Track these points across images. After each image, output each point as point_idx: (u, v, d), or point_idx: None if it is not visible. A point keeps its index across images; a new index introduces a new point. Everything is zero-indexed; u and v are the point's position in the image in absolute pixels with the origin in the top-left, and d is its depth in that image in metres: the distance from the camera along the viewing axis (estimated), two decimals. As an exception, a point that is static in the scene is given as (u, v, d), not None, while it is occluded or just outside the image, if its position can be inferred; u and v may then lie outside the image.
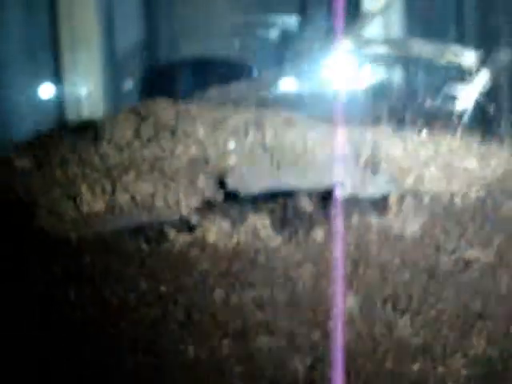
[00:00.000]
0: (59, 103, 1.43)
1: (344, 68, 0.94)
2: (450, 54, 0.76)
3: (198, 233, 0.53)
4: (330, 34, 1.03)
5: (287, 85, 0.96)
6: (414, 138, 0.54)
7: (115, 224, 0.52)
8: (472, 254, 0.54)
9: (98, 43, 1.42)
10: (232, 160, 0.51)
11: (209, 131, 0.53)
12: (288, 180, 0.51)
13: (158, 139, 0.53)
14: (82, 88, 1.39)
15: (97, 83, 1.44)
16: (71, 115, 1.40)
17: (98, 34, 1.44)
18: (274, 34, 1.53)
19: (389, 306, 0.55)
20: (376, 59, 0.97)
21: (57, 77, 1.38)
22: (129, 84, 1.69)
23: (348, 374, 0.57)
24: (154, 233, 0.53)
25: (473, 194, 0.53)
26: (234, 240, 0.53)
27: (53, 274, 0.53)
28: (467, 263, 0.54)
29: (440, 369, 0.58)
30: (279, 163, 0.51)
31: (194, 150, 0.51)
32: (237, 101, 0.94)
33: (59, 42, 1.36)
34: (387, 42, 0.79)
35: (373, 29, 0.83)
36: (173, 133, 0.53)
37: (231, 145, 0.49)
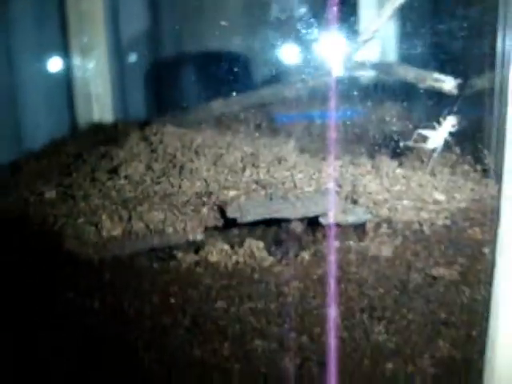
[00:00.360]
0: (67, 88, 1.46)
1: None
2: (431, 80, 0.83)
3: (202, 254, 0.61)
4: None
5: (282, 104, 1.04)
6: (390, 173, 0.62)
7: (131, 247, 0.61)
8: (438, 271, 0.62)
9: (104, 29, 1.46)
10: (231, 193, 0.59)
11: (211, 168, 0.61)
12: (279, 210, 0.59)
13: (168, 176, 0.61)
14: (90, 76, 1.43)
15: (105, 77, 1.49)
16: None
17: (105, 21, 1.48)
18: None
19: (366, 315, 0.64)
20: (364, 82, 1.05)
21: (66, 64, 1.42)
22: (136, 72, 1.73)
23: (331, 371, 0.67)
24: (164, 254, 0.62)
25: (440, 222, 0.61)
26: (233, 260, 0.61)
27: (79, 289, 0.62)
28: (434, 279, 0.62)
29: (410, 367, 0.67)
30: (271, 196, 0.59)
31: (198, 186, 0.59)
32: (236, 117, 1.02)
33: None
34: (376, 65, 0.86)
35: (368, 51, 0.90)
36: (181, 169, 0.61)
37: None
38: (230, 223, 0.60)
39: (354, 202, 0.60)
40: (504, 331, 0.62)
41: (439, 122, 0.63)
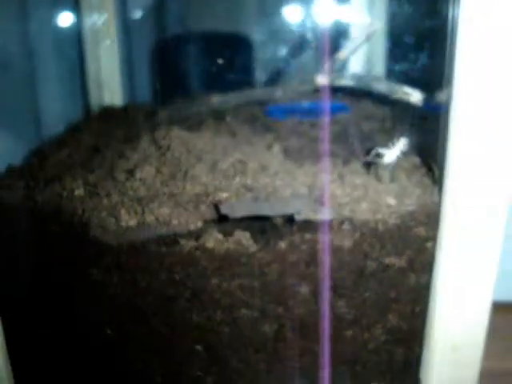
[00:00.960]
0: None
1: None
2: (401, 93, 0.96)
3: (201, 241, 0.75)
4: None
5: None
6: (351, 181, 0.76)
7: (144, 234, 0.76)
8: (390, 260, 0.77)
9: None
10: (224, 195, 0.74)
11: (209, 173, 0.75)
12: (262, 209, 0.74)
13: (174, 179, 0.75)
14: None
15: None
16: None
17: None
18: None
19: (330, 292, 0.80)
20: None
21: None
22: (144, 59, 1.82)
23: (301, 335, 0.84)
24: (170, 240, 0.77)
25: (391, 221, 0.75)
26: (225, 246, 0.75)
27: (101, 267, 0.78)
28: (386, 266, 0.77)
29: (366, 335, 0.83)
30: (256, 198, 0.74)
31: (198, 188, 0.74)
32: (234, 112, 1.15)
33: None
34: (353, 77, 0.98)
35: (353, 63, 1.02)
36: (185, 174, 0.75)
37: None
38: (223, 218, 0.75)
39: (322, 203, 0.75)
40: (440, 307, 0.78)
41: (393, 143, 0.76)
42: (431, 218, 0.76)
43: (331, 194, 0.74)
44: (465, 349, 0.79)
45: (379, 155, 0.77)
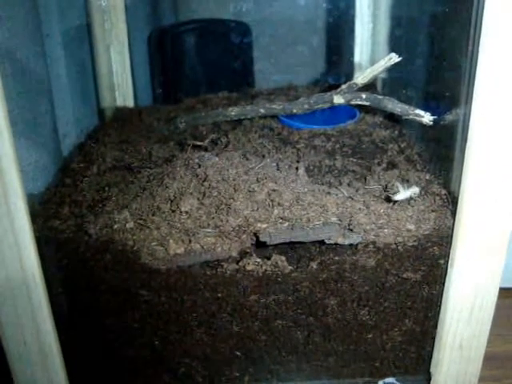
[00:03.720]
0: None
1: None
2: (413, 114, 1.04)
3: (241, 264, 0.84)
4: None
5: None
6: (376, 210, 0.85)
7: (190, 261, 0.85)
8: (407, 275, 0.87)
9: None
10: (263, 226, 0.82)
11: (248, 206, 0.83)
12: (297, 236, 0.83)
13: (218, 212, 0.83)
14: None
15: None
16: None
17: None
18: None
19: (355, 304, 0.90)
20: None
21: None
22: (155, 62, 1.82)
23: (329, 339, 0.95)
24: (214, 265, 0.86)
25: (410, 244, 0.85)
26: (263, 268, 0.84)
27: (152, 289, 0.87)
28: (404, 280, 0.88)
29: (384, 336, 0.95)
30: (292, 227, 0.83)
31: (239, 220, 0.82)
32: (251, 126, 1.21)
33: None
34: (368, 98, 1.05)
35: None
36: (228, 207, 0.83)
37: None
38: (261, 245, 0.84)
39: (350, 230, 0.84)
40: (449, 314, 0.89)
41: (407, 186, 0.85)
42: (444, 240, 0.86)
43: (358, 221, 0.84)
44: (469, 348, 0.91)
45: (394, 191, 0.86)
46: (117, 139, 1.29)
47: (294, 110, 1.15)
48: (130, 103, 1.67)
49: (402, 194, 0.84)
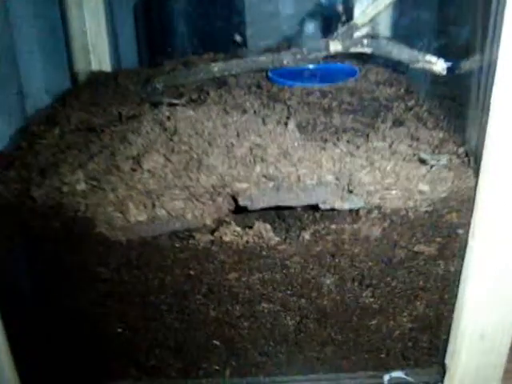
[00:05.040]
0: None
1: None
2: (424, 61, 0.88)
3: (217, 235, 0.69)
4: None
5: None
6: (382, 167, 0.70)
7: (155, 230, 0.70)
8: (419, 248, 0.72)
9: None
10: (243, 186, 0.67)
11: (225, 161, 0.68)
12: (285, 199, 0.68)
13: (187, 170, 0.68)
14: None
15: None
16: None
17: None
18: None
19: (356, 283, 0.75)
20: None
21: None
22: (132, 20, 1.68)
23: (325, 325, 0.80)
24: (184, 235, 0.71)
25: (423, 209, 0.70)
26: (244, 239, 0.69)
27: (110, 265, 0.72)
28: (415, 254, 0.73)
29: (391, 323, 0.80)
30: (278, 187, 0.68)
31: (214, 179, 0.67)
32: (236, 80, 1.05)
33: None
34: (371, 44, 0.90)
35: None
36: (199, 164, 0.68)
37: None
38: (241, 210, 0.69)
39: (350, 191, 0.68)
40: (469, 295, 0.74)
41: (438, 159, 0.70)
42: (465, 205, 0.70)
43: (359, 181, 0.68)
44: (493, 337, 0.76)
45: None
46: (87, 102, 1.14)
47: (285, 62, 0.99)
48: (107, 67, 1.50)
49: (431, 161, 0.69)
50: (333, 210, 0.70)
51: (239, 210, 0.70)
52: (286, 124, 0.79)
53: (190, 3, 1.61)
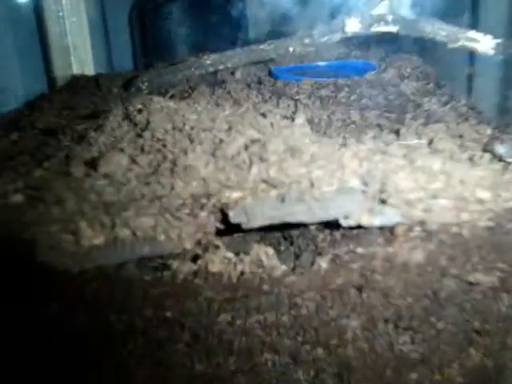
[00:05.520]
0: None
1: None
2: (466, 39, 0.70)
3: (201, 263, 0.52)
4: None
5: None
6: (426, 167, 0.51)
7: (116, 257, 0.52)
8: (475, 277, 0.54)
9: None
10: (234, 195, 0.49)
11: (209, 161, 0.50)
12: (293, 213, 0.49)
13: (157, 173, 0.50)
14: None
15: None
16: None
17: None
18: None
19: (390, 325, 0.56)
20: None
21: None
22: (118, 20, 1.54)
23: (348, 382, 0.60)
24: (156, 264, 0.53)
25: (482, 224, 0.51)
26: (238, 269, 0.52)
27: (59, 305, 0.53)
28: (470, 286, 0.54)
29: (437, 377, 0.60)
30: (284, 197, 0.49)
31: (195, 185, 0.49)
32: (232, 75, 0.89)
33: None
34: (397, 20, 0.72)
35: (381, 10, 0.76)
36: (173, 164, 0.50)
37: None
38: (234, 229, 0.50)
39: (383, 201, 0.50)
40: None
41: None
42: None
43: (395, 186, 0.50)
44: None
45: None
46: (60, 106, 0.98)
47: (291, 49, 0.82)
48: (90, 70, 1.35)
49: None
50: (359, 227, 0.52)
51: (231, 229, 0.52)
52: (292, 119, 0.61)
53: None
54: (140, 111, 0.60)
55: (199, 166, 0.49)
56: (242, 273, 0.52)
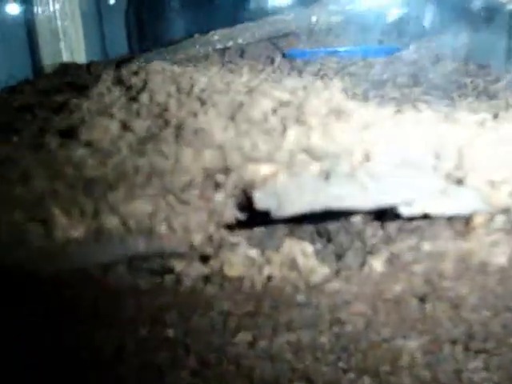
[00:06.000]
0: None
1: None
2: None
3: (215, 264, 0.40)
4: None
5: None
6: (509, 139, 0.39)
7: (102, 254, 0.39)
8: None
9: None
10: (262, 170, 0.36)
11: (228, 126, 0.37)
12: (341, 196, 0.37)
13: (157, 141, 0.37)
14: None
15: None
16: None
17: None
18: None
19: (459, 347, 0.43)
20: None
21: None
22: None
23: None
24: (154, 265, 0.40)
25: None
26: (264, 273, 0.39)
27: (21, 318, 0.40)
28: None
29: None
30: (328, 173, 0.36)
31: (208, 157, 0.36)
32: (244, 53, 0.77)
33: None
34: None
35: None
36: (178, 129, 0.37)
37: None
38: (259, 218, 0.38)
39: (458, 182, 0.37)
40: None
41: None
42: None
43: (474, 161, 0.37)
44: None
45: None
46: (43, 89, 0.86)
47: (314, 18, 0.70)
48: (81, 57, 1.22)
49: None
50: (425, 216, 0.39)
51: (255, 219, 0.39)
52: (327, 84, 0.48)
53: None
54: (136, 73, 0.48)
55: (214, 130, 0.36)
56: (270, 278, 0.39)
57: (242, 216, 0.39)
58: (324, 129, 0.37)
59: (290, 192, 0.37)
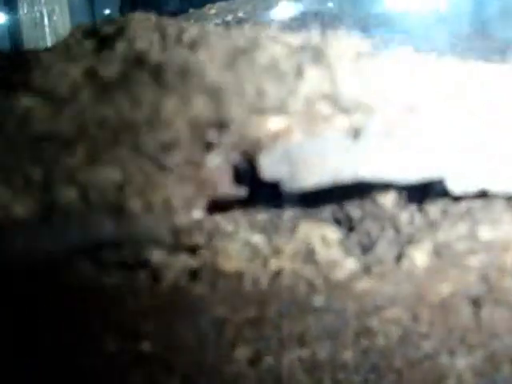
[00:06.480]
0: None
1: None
2: None
3: (205, 254, 0.30)
4: None
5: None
6: None
7: (52, 241, 0.29)
8: None
9: None
10: (270, 125, 0.27)
11: (229, 65, 0.28)
12: (371, 162, 0.28)
13: (130, 85, 0.28)
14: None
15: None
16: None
17: None
18: None
19: (520, 366, 0.33)
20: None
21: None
22: None
23: None
24: (124, 256, 0.30)
25: None
26: (272, 266, 0.30)
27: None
28: None
29: None
30: (357, 131, 0.27)
31: (198, 105, 0.27)
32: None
33: None
34: None
35: None
36: (156, 71, 0.28)
37: None
38: (266, 191, 0.28)
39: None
40: None
41: None
42: None
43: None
44: None
45: None
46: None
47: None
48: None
49: None
50: (483, 194, 0.30)
51: (260, 193, 0.29)
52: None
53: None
54: (114, 23, 0.38)
55: (208, 67, 0.27)
56: (278, 273, 0.30)
57: (242, 189, 0.30)
58: (352, 72, 0.28)
59: (307, 156, 0.28)
